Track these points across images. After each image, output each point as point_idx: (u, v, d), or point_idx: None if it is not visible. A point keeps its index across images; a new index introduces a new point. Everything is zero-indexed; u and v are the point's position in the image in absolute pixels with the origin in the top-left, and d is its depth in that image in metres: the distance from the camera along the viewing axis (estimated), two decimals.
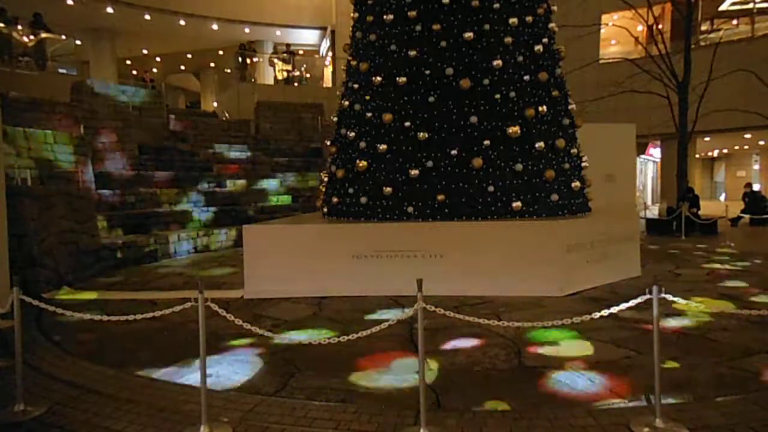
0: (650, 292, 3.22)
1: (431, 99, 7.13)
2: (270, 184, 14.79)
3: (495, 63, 7.13)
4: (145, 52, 26.59)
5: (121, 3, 19.97)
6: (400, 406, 3.48)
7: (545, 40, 7.63)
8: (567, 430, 3.09)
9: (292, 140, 17.40)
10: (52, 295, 7.11)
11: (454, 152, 6.97)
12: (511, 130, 6.98)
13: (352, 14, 8.28)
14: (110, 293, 7.36)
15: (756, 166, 31.54)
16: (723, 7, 18.92)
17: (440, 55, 7.20)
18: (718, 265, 8.52)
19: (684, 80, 14.16)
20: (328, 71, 24.61)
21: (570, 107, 7.90)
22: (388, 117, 7.20)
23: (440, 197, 6.90)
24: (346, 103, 7.99)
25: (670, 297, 3.31)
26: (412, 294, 3.31)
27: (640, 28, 17.62)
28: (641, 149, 22.08)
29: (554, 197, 7.21)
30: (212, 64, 29.11)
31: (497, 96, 7.12)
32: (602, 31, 18.63)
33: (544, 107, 7.29)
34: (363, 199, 7.29)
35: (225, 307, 3.69)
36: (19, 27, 15.68)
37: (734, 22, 17.66)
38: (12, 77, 14.13)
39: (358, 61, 7.90)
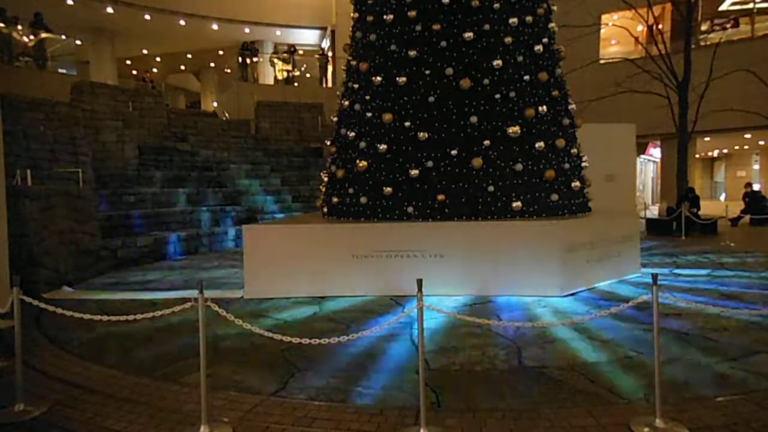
0: (650, 292, 3.22)
1: (431, 99, 7.13)
2: None
3: (495, 63, 7.13)
4: (145, 52, 26.56)
5: (121, 3, 19.96)
6: (400, 406, 3.48)
7: (545, 40, 7.63)
8: (567, 430, 3.09)
9: (292, 140, 17.41)
10: (52, 295, 7.11)
11: (454, 152, 6.96)
12: (511, 130, 6.99)
13: (352, 14, 8.28)
14: (110, 293, 7.36)
15: (756, 166, 31.54)
16: (723, 7, 18.92)
17: (440, 55, 7.20)
18: (718, 265, 8.53)
19: (684, 80, 14.17)
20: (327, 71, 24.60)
21: (570, 107, 7.90)
22: (388, 117, 7.20)
23: (440, 197, 6.90)
24: (346, 103, 7.99)
25: (670, 297, 3.31)
26: (412, 294, 3.31)
27: (640, 28, 17.62)
28: (641, 149, 22.07)
29: (554, 197, 7.21)
30: (212, 64, 29.08)
31: (497, 96, 7.12)
32: (602, 31, 18.62)
33: (544, 107, 7.29)
34: (363, 199, 7.29)
35: (225, 307, 3.69)
36: (19, 27, 15.67)
37: (727, 26, 17.67)
38: (12, 77, 14.12)
39: (358, 61, 7.90)
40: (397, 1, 7.44)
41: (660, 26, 16.58)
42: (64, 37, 17.87)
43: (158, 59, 28.26)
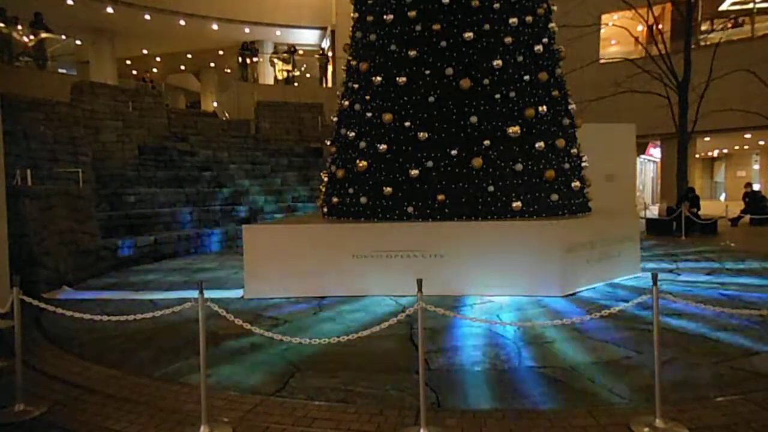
0: (650, 292, 3.22)
1: (431, 99, 7.13)
2: None
3: (495, 63, 7.13)
4: (145, 52, 26.56)
5: (121, 3, 19.95)
6: (400, 406, 3.48)
7: (545, 40, 7.63)
8: (567, 430, 3.09)
9: (292, 140, 17.41)
10: (52, 295, 7.11)
11: (454, 152, 6.97)
12: (511, 130, 6.99)
13: (352, 14, 8.28)
14: (110, 293, 7.36)
15: (756, 166, 31.54)
16: (723, 7, 18.93)
17: (440, 55, 7.20)
18: (717, 265, 8.53)
19: (684, 80, 14.17)
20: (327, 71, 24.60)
21: (570, 107, 7.90)
22: (388, 117, 7.20)
23: (440, 197, 6.90)
24: (346, 103, 7.99)
25: (670, 297, 3.31)
26: (412, 294, 3.31)
27: (640, 28, 17.62)
28: (641, 149, 22.07)
29: (554, 197, 7.21)
30: (212, 64, 29.07)
31: (497, 96, 7.12)
32: (602, 31, 18.62)
33: (544, 107, 7.29)
34: (363, 199, 7.29)
35: (225, 307, 3.69)
36: (19, 27, 15.66)
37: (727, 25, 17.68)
38: (12, 77, 14.12)
39: (358, 61, 7.90)
40: (397, 1, 7.44)
41: (660, 26, 16.58)
42: (64, 37, 17.85)
43: (158, 59, 28.25)
